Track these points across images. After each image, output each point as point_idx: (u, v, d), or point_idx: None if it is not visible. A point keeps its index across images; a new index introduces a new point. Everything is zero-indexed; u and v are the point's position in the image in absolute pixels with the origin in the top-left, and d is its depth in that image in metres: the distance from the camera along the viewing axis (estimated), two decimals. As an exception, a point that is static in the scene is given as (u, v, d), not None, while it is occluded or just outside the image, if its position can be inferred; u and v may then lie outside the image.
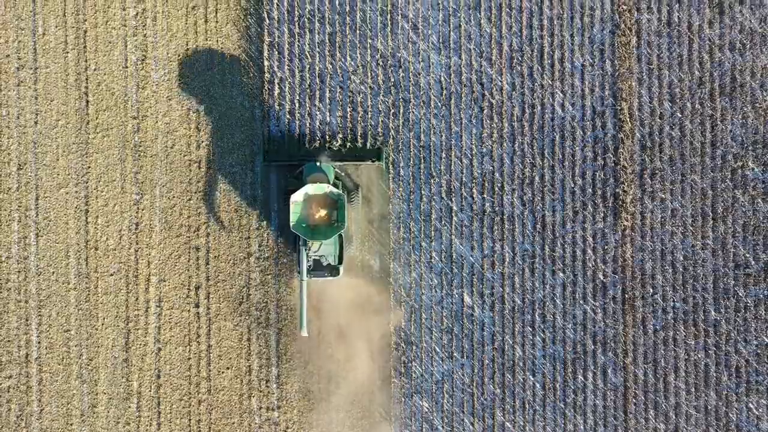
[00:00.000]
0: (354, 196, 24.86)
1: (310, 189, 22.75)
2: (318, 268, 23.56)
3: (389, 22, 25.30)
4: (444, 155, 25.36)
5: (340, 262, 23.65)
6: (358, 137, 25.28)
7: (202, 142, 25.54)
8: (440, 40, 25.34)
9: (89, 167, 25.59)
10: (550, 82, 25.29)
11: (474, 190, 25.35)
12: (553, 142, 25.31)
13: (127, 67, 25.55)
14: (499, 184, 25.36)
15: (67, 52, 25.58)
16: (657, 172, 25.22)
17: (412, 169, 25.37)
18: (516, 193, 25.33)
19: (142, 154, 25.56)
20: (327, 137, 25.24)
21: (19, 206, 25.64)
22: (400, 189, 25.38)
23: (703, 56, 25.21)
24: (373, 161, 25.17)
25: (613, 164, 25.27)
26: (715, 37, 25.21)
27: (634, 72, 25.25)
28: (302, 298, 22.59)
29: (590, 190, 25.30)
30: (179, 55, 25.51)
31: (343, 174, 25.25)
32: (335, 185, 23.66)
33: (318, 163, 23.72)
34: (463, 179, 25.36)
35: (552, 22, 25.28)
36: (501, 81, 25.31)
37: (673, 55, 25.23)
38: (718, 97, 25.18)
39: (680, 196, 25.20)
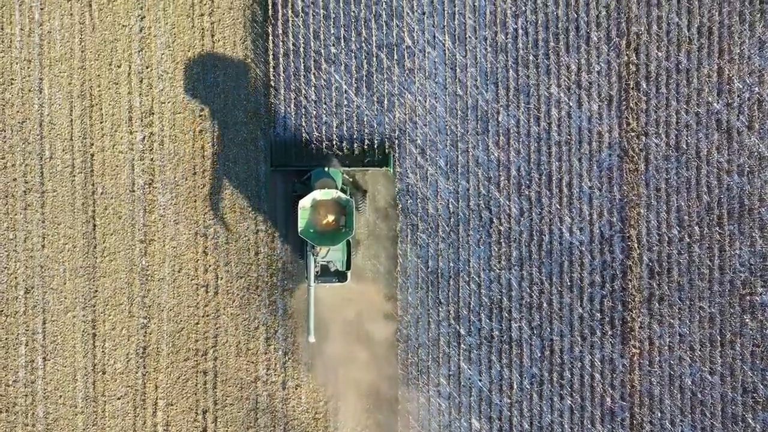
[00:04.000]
0: (362, 201, 24.70)
1: (318, 195, 22.58)
2: (326, 273, 23.64)
3: (397, 147, 25.24)
4: (452, 281, 25.31)
5: (348, 267, 23.65)
6: (365, 144, 25.07)
7: (210, 265, 25.50)
8: (448, 165, 25.29)
9: (96, 291, 25.54)
10: (558, 208, 25.24)
11: (482, 315, 25.30)
12: (561, 267, 25.25)
13: (134, 191, 25.50)
14: (507, 310, 25.31)
15: (74, 176, 25.52)
16: (665, 297, 25.17)
17: (419, 294, 25.31)
18: (524, 319, 25.29)
19: (149, 278, 25.52)
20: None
21: (26, 330, 25.59)
22: (408, 314, 25.32)
23: (711, 181, 25.16)
24: (381, 167, 24.95)
25: (621, 290, 25.22)
26: (724, 162, 25.15)
27: (642, 197, 25.19)
28: (310, 305, 22.54)
29: (598, 315, 25.26)
30: (186, 179, 25.46)
31: (350, 179, 25.07)
32: (343, 191, 23.49)
33: (326, 169, 23.67)
34: (471, 304, 25.31)
35: (560, 147, 25.22)
36: (509, 206, 25.25)
37: (681, 180, 25.17)
38: (727, 223, 25.12)
39: (688, 321, 25.15)
